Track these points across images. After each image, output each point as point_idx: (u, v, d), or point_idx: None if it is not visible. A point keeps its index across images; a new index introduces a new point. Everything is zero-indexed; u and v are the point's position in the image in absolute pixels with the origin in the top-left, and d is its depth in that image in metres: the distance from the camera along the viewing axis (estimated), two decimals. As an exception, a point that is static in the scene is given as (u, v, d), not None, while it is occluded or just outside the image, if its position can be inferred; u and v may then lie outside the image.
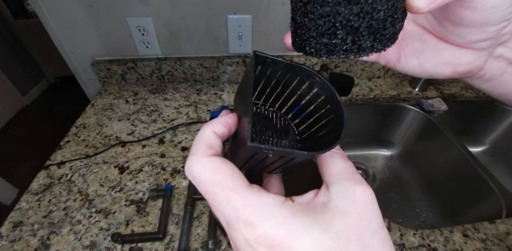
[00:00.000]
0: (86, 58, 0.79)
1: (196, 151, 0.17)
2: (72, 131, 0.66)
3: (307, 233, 0.14)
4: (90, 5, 0.67)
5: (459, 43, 0.20)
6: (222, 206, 0.16)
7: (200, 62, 0.79)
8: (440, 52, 0.21)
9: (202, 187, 0.16)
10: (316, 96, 0.21)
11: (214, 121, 0.19)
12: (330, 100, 0.20)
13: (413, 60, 0.22)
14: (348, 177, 0.17)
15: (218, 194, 0.16)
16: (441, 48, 0.21)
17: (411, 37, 0.22)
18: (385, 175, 0.85)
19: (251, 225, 0.14)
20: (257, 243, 0.14)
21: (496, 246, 0.44)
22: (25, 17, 2.50)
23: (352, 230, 0.15)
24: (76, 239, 0.44)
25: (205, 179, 0.16)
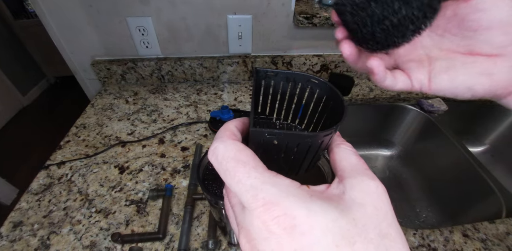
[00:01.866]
0: (86, 58, 0.79)
1: (222, 136, 0.18)
2: (72, 131, 0.66)
3: (326, 215, 0.14)
4: (90, 5, 0.67)
5: (488, 52, 0.20)
6: (241, 183, 0.15)
7: (200, 62, 0.79)
8: (469, 64, 0.21)
9: (224, 164, 0.16)
10: (319, 98, 0.23)
11: (235, 119, 0.20)
12: (332, 98, 0.22)
13: (443, 76, 0.22)
14: (362, 172, 0.17)
15: (239, 170, 0.15)
16: (470, 60, 0.21)
17: (437, 60, 0.23)
18: (385, 175, 0.85)
19: (270, 203, 0.14)
20: (276, 223, 0.13)
21: (496, 246, 0.44)
22: (25, 17, 2.50)
23: (369, 219, 0.14)
24: (76, 239, 0.44)
25: (228, 156, 0.16)
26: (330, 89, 0.22)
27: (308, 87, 0.23)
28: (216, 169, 0.17)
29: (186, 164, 0.57)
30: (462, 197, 0.68)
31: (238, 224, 0.16)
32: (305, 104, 0.24)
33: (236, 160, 0.16)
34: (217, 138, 0.18)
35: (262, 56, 0.80)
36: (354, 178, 0.17)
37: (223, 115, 0.58)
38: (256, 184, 0.15)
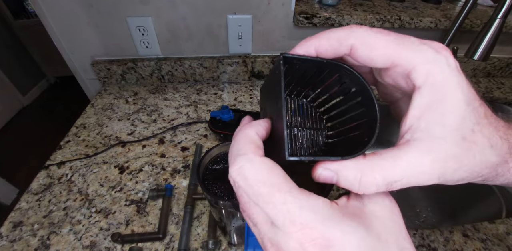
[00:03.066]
0: (86, 58, 0.79)
1: (247, 150, 0.17)
2: (72, 131, 0.66)
3: (356, 233, 0.15)
4: (90, 5, 0.67)
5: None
6: (276, 209, 0.15)
7: (200, 62, 0.79)
8: None
9: (255, 189, 0.16)
10: (345, 89, 0.21)
11: (255, 124, 0.20)
12: (361, 94, 0.20)
13: None
14: None
15: (274, 195, 0.15)
16: None
17: None
18: (385, 175, 0.84)
19: (308, 227, 0.15)
20: (313, 245, 0.14)
21: (496, 246, 0.44)
22: (25, 17, 2.50)
23: (389, 233, 0.16)
24: (76, 239, 0.44)
25: (260, 179, 0.16)
26: (362, 85, 0.19)
27: (336, 75, 0.20)
28: (244, 190, 0.16)
29: (186, 164, 0.57)
30: (462, 197, 0.68)
31: (266, 240, 0.16)
32: (328, 90, 0.22)
33: (270, 184, 0.16)
34: (240, 153, 0.17)
35: (262, 56, 0.80)
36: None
37: (223, 115, 0.58)
38: (294, 209, 0.15)
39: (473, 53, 0.61)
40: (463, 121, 0.16)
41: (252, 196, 0.16)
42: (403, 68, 0.16)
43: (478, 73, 0.96)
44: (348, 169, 0.16)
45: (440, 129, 0.16)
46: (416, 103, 0.16)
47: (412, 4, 0.87)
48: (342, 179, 0.16)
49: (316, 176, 0.17)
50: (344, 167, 0.16)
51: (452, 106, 0.16)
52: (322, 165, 0.17)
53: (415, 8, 0.82)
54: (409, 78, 0.16)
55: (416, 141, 0.16)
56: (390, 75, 0.18)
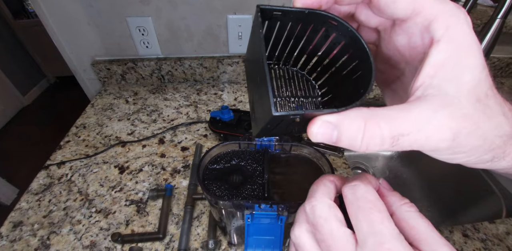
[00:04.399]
0: (86, 58, 0.79)
1: (368, 179, 0.19)
2: (72, 131, 0.66)
3: None
4: (90, 5, 0.67)
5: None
6: (372, 225, 0.16)
7: (200, 62, 0.79)
8: None
9: (365, 203, 0.17)
10: (335, 43, 0.19)
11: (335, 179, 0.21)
12: (352, 45, 0.18)
13: None
14: (437, 241, 0.18)
15: (376, 211, 0.17)
16: None
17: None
18: (385, 175, 0.85)
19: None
20: None
21: (496, 246, 0.44)
22: (25, 17, 2.50)
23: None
24: (76, 239, 0.44)
25: (370, 199, 0.17)
26: (352, 34, 0.18)
27: (322, 29, 0.19)
28: (356, 198, 0.18)
29: (186, 164, 0.57)
30: (462, 197, 0.68)
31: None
32: (316, 50, 0.21)
33: (379, 204, 0.17)
34: (360, 178, 0.19)
35: (262, 56, 0.80)
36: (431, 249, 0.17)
37: (223, 115, 0.58)
38: (385, 233, 0.16)
39: (473, 53, 0.60)
40: (479, 83, 0.15)
41: (364, 206, 0.17)
42: (424, 18, 0.15)
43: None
44: (351, 118, 0.14)
45: (455, 87, 0.14)
46: (433, 59, 0.15)
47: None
48: (344, 131, 0.15)
49: (314, 133, 0.15)
50: (346, 116, 0.15)
51: (469, 66, 0.15)
52: (320, 118, 0.15)
53: (415, 8, 0.82)
54: (428, 31, 0.15)
55: (428, 97, 0.15)
56: (406, 30, 0.17)
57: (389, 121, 0.14)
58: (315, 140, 0.16)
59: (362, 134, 0.14)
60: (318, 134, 0.15)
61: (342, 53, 0.20)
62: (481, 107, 0.15)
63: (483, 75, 0.15)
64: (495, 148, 0.16)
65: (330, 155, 0.59)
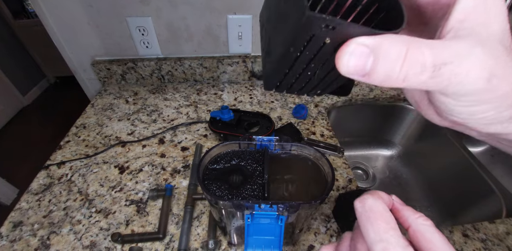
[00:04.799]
0: (86, 58, 0.79)
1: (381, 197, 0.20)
2: (72, 131, 0.66)
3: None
4: (90, 5, 0.67)
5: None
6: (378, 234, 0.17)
7: (200, 62, 0.79)
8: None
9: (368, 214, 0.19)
10: None
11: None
12: (389, 6, 0.17)
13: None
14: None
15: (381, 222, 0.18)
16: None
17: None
18: (385, 175, 0.85)
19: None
20: None
21: (496, 246, 0.44)
22: (25, 17, 2.50)
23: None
24: (76, 239, 0.44)
25: (377, 210, 0.19)
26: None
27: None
28: (365, 209, 0.19)
29: (186, 164, 0.57)
30: (462, 197, 0.68)
31: None
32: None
33: (387, 216, 0.18)
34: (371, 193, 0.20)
35: (262, 56, 0.80)
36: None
37: (223, 115, 0.58)
38: (391, 241, 0.17)
39: (473, 53, 0.61)
40: (504, 33, 0.15)
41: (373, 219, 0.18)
42: None
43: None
44: (392, 42, 0.13)
45: (485, 30, 0.14)
46: (461, 6, 0.14)
47: (412, 4, 0.86)
48: (382, 57, 0.13)
49: (345, 59, 0.14)
50: (386, 39, 0.13)
51: (495, 15, 0.15)
52: (354, 40, 0.13)
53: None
54: None
55: (461, 36, 0.14)
56: None
57: (433, 49, 0.13)
58: (346, 69, 0.14)
59: (403, 60, 0.13)
60: (351, 59, 0.14)
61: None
62: (509, 54, 0.15)
63: (507, 26, 0.15)
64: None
65: (330, 155, 0.59)
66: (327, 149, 0.59)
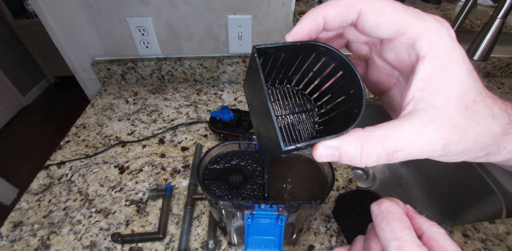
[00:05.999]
0: (86, 58, 0.79)
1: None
2: (72, 131, 0.66)
3: None
4: (90, 5, 0.67)
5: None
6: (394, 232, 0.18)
7: (200, 62, 0.79)
8: None
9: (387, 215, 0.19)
10: (325, 65, 0.21)
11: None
12: (342, 67, 0.20)
13: None
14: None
15: (397, 221, 0.19)
16: None
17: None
18: (385, 175, 0.85)
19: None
20: None
21: (496, 246, 0.44)
22: (25, 17, 2.50)
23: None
24: (76, 239, 0.44)
25: (392, 211, 0.19)
26: (341, 59, 0.19)
27: (313, 55, 0.21)
28: (381, 211, 0.20)
29: (186, 164, 0.57)
30: (462, 197, 0.68)
31: None
32: (309, 71, 0.23)
33: (402, 217, 0.19)
34: (387, 197, 0.21)
35: (262, 56, 0.80)
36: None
37: (223, 115, 0.58)
38: (406, 239, 0.17)
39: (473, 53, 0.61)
40: (466, 91, 0.16)
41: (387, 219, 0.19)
42: (408, 37, 0.16)
43: (478, 73, 0.96)
44: (348, 142, 0.16)
45: (443, 99, 0.16)
46: (420, 74, 0.16)
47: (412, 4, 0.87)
48: (344, 153, 0.16)
49: (318, 156, 0.17)
50: (344, 141, 0.16)
51: (455, 77, 0.16)
52: (322, 143, 0.17)
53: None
54: (413, 49, 0.16)
55: (418, 111, 0.16)
56: (393, 48, 0.18)
57: (383, 142, 0.16)
58: (320, 160, 0.17)
59: (360, 154, 0.16)
60: (322, 156, 0.17)
61: (332, 74, 0.21)
62: (470, 115, 0.16)
63: (470, 83, 0.16)
64: (488, 146, 0.17)
65: (330, 155, 0.59)
66: (327, 149, 0.59)
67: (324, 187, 0.33)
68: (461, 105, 0.16)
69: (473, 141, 0.16)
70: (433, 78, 0.16)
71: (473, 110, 0.16)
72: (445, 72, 0.16)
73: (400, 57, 0.18)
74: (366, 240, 0.22)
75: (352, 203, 0.43)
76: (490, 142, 0.17)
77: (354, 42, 0.22)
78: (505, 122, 0.17)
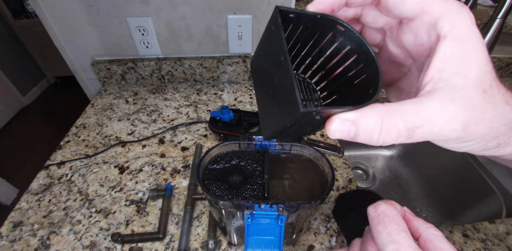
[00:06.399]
0: (86, 58, 0.79)
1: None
2: (72, 131, 0.66)
3: None
4: (90, 5, 0.67)
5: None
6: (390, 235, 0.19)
7: (200, 62, 0.79)
8: None
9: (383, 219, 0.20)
10: (340, 48, 0.20)
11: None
12: (358, 50, 0.19)
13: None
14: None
15: (393, 225, 0.19)
16: None
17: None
18: (385, 175, 0.85)
19: None
20: None
21: (496, 246, 0.44)
22: (25, 17, 2.50)
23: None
24: (76, 239, 0.44)
25: (389, 214, 0.20)
26: (358, 40, 0.19)
27: (329, 34, 0.20)
28: (377, 214, 0.20)
29: (186, 164, 0.57)
30: (462, 197, 0.68)
31: None
32: (321, 55, 0.22)
33: (398, 220, 0.19)
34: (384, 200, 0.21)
35: (262, 56, 0.80)
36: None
37: (223, 115, 0.58)
38: (402, 242, 0.18)
39: (473, 53, 0.60)
40: (485, 75, 0.16)
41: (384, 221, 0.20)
42: (430, 16, 0.16)
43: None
44: (368, 115, 0.15)
45: (463, 80, 0.15)
46: (440, 55, 0.16)
47: (412, 4, 0.86)
48: (362, 128, 0.15)
49: (332, 131, 0.16)
50: (363, 113, 0.15)
51: (474, 60, 0.16)
52: (338, 116, 0.16)
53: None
54: (435, 29, 0.16)
55: (438, 91, 0.16)
56: (412, 28, 0.18)
57: (404, 116, 0.15)
58: (334, 136, 0.16)
59: (380, 129, 0.15)
60: (337, 131, 0.16)
61: (346, 58, 0.20)
62: (488, 98, 0.16)
63: (488, 68, 0.16)
64: (500, 135, 0.17)
65: (330, 155, 0.59)
66: (327, 149, 0.59)
67: (324, 187, 0.33)
68: (480, 88, 0.16)
69: (489, 126, 0.16)
70: (453, 59, 0.16)
71: (490, 94, 0.16)
72: (465, 55, 0.16)
73: (418, 40, 0.18)
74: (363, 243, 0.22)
75: (352, 203, 0.43)
76: (503, 129, 0.17)
77: (370, 27, 0.21)
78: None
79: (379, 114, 0.15)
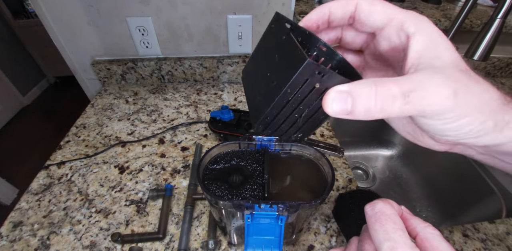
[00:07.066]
0: (86, 58, 0.79)
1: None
2: (72, 131, 0.66)
3: None
4: (90, 5, 0.67)
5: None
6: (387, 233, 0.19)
7: (200, 62, 0.79)
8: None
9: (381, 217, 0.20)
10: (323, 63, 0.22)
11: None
12: (338, 67, 0.21)
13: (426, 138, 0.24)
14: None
15: (390, 223, 0.19)
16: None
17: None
18: (385, 175, 0.85)
19: None
20: None
21: (496, 246, 0.44)
22: (25, 17, 2.50)
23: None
24: (76, 239, 0.44)
25: (386, 212, 0.20)
26: (338, 58, 0.21)
27: (314, 54, 0.22)
28: (374, 212, 0.20)
29: (186, 164, 0.57)
30: (462, 197, 0.68)
31: None
32: None
33: (395, 218, 0.20)
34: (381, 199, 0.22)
35: (262, 56, 0.80)
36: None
37: (223, 115, 0.58)
38: (399, 240, 0.18)
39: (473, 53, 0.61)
40: (457, 59, 0.18)
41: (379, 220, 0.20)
42: (397, 21, 0.19)
43: (478, 73, 0.96)
44: (362, 86, 0.16)
45: (440, 62, 0.17)
46: (413, 47, 0.18)
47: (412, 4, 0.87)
48: (357, 97, 0.16)
49: (329, 102, 0.17)
50: (358, 84, 0.16)
51: (445, 48, 0.18)
52: (333, 89, 0.17)
53: (415, 8, 0.82)
54: (403, 30, 0.19)
55: (422, 69, 0.17)
56: (384, 35, 0.21)
57: (397, 82, 0.16)
58: (332, 111, 0.17)
59: (374, 95, 0.16)
60: (334, 103, 0.17)
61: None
62: (467, 75, 0.17)
63: (458, 55, 0.18)
64: (493, 111, 0.17)
65: (330, 155, 0.59)
66: (327, 149, 0.59)
67: (324, 187, 0.33)
68: (457, 69, 0.17)
69: (478, 96, 0.17)
70: (427, 48, 0.18)
71: (468, 74, 0.17)
72: (436, 44, 0.18)
73: (392, 43, 0.20)
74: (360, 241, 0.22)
75: (352, 203, 0.43)
76: (493, 105, 0.17)
77: (350, 46, 0.24)
78: (499, 93, 0.18)
79: (372, 82, 0.16)
